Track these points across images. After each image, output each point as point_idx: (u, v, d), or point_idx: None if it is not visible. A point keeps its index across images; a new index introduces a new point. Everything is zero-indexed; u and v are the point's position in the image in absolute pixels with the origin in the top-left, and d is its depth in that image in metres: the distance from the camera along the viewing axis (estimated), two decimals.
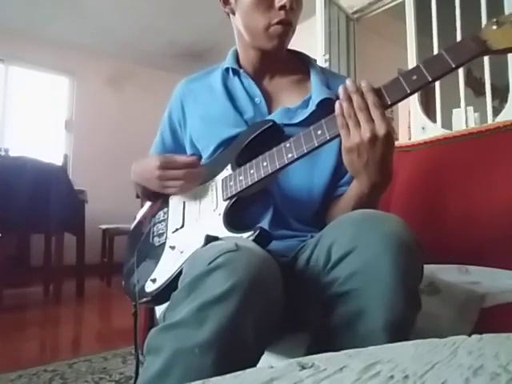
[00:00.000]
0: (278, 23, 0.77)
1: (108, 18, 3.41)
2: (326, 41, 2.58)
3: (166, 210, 0.86)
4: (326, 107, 0.70)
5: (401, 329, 0.51)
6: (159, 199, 0.90)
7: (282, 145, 0.68)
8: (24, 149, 3.06)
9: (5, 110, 3.61)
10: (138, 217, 0.95)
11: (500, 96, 2.44)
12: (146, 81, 4.25)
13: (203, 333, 0.45)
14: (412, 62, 2.27)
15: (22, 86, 3.71)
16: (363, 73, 2.76)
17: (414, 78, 0.57)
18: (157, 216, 0.88)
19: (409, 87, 0.58)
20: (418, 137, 2.03)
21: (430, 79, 0.57)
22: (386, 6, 2.63)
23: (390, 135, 0.59)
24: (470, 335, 0.34)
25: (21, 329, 2.01)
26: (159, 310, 0.90)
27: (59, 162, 2.76)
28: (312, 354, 0.31)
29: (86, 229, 2.81)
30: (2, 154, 2.79)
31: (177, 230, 0.79)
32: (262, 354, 0.52)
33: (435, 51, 2.13)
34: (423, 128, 2.20)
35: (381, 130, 0.58)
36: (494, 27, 0.55)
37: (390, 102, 0.60)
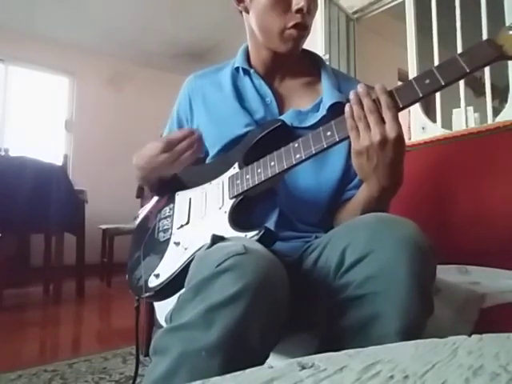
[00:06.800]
0: (293, 27, 0.75)
1: (108, 18, 3.41)
2: (326, 41, 2.58)
3: (171, 205, 0.86)
4: (336, 111, 0.69)
5: (414, 333, 0.51)
6: (167, 193, 0.90)
7: (291, 145, 0.68)
8: (24, 149, 3.06)
9: (5, 110, 3.61)
10: (143, 212, 0.95)
11: (500, 96, 2.44)
12: (145, 81, 4.25)
13: (211, 336, 0.45)
14: (412, 62, 2.27)
15: (22, 86, 3.71)
16: (363, 73, 2.75)
17: (427, 81, 0.57)
18: (163, 211, 0.88)
19: (421, 91, 0.57)
20: (418, 137, 2.02)
21: (443, 83, 0.56)
22: (386, 6, 2.62)
23: (401, 138, 0.59)
24: (470, 335, 0.34)
25: (21, 329, 2.01)
26: (159, 309, 0.90)
27: (59, 162, 2.75)
28: None
29: (86, 229, 2.81)
30: (2, 153, 2.79)
31: (182, 226, 0.79)
32: (268, 357, 0.51)
33: (435, 51, 2.14)
34: (423, 128, 2.20)
35: (392, 132, 0.58)
36: (511, 32, 0.54)
37: (401, 105, 0.59)
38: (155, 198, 0.95)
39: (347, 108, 0.61)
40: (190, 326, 0.47)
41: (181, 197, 0.85)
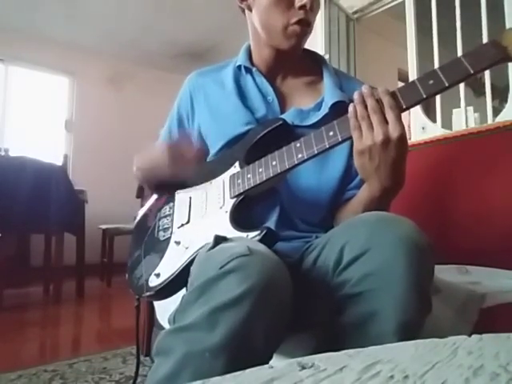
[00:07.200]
0: (296, 23, 0.76)
1: (108, 18, 3.41)
2: (326, 41, 2.58)
3: (171, 204, 0.86)
4: (338, 110, 0.69)
5: (411, 331, 0.52)
6: (167, 192, 0.90)
7: (292, 144, 0.67)
8: (24, 149, 3.06)
9: (5, 110, 3.60)
10: (143, 211, 0.95)
11: (500, 96, 2.44)
12: (146, 81, 4.25)
13: (215, 337, 0.45)
14: (412, 62, 2.27)
15: (22, 86, 3.71)
16: (363, 73, 2.75)
17: (431, 82, 0.56)
18: (162, 210, 0.88)
19: (425, 92, 0.57)
20: (418, 137, 2.02)
21: (447, 84, 0.55)
22: (386, 6, 2.62)
23: (404, 138, 0.59)
24: (470, 335, 0.34)
25: (21, 329, 2.01)
26: (159, 309, 0.90)
27: (59, 162, 2.75)
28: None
29: (86, 229, 2.81)
30: (2, 153, 2.79)
31: (182, 225, 0.79)
32: (271, 358, 0.51)
33: (435, 51, 2.14)
34: (423, 128, 2.20)
35: (395, 132, 0.58)
36: None
37: (404, 106, 0.59)
38: (154, 196, 0.94)
39: (351, 108, 0.61)
40: (193, 327, 0.47)
41: (181, 195, 0.85)
